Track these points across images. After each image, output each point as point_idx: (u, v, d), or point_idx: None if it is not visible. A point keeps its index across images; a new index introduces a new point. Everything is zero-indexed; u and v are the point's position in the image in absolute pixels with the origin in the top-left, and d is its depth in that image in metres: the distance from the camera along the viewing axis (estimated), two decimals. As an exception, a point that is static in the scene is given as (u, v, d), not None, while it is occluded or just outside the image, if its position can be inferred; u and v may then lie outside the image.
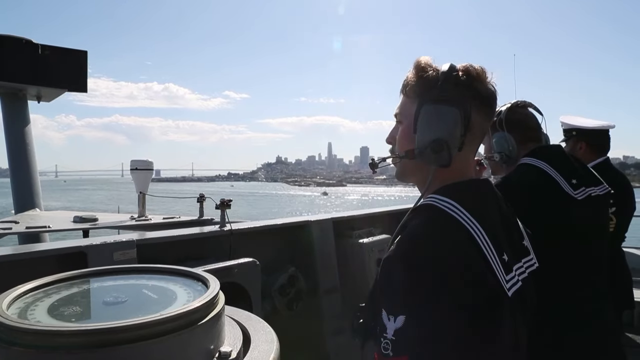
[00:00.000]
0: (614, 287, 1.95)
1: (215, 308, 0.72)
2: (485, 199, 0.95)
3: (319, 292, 2.35)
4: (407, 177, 1.02)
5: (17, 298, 0.71)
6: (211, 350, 0.70)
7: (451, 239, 0.83)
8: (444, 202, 0.88)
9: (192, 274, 0.85)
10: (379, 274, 0.85)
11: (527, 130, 1.62)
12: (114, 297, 0.75)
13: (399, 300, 0.77)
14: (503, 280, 0.84)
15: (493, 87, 0.96)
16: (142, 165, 3.30)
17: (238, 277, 1.75)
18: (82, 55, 4.82)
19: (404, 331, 0.74)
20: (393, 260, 0.82)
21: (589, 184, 1.52)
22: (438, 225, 0.85)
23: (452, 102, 0.89)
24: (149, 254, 1.69)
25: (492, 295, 0.81)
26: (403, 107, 0.98)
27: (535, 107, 1.66)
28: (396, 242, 0.86)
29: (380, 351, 0.77)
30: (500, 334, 0.81)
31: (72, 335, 0.58)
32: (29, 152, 4.76)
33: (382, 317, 0.77)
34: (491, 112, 0.97)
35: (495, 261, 0.84)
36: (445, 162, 0.90)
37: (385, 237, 2.63)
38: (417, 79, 0.95)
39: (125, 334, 0.59)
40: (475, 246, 0.83)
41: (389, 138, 1.03)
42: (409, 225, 0.89)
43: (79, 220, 3.16)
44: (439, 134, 0.89)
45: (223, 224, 2.05)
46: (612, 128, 2.43)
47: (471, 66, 0.93)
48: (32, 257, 1.52)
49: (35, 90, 4.77)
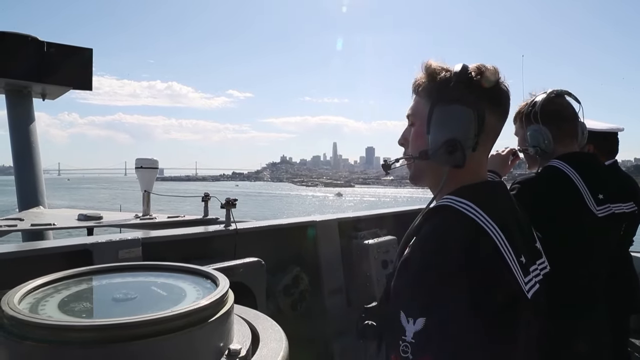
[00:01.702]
0: (620, 291, 1.93)
1: (225, 306, 0.72)
2: (501, 201, 0.94)
3: (324, 293, 2.34)
4: (420, 178, 1.01)
5: (28, 294, 0.71)
6: (221, 347, 0.70)
7: (471, 240, 0.82)
8: (461, 203, 0.87)
9: (201, 271, 0.85)
10: (396, 276, 0.84)
11: (563, 122, 1.54)
12: (124, 294, 0.75)
13: (419, 302, 0.76)
14: (522, 282, 0.84)
15: (506, 87, 0.95)
16: (148, 163, 3.30)
17: (243, 277, 1.75)
18: (88, 53, 4.83)
19: (424, 334, 0.74)
20: (412, 262, 0.82)
21: (616, 200, 1.48)
22: (457, 226, 0.84)
23: (466, 103, 0.88)
24: (154, 253, 1.69)
25: (512, 297, 0.81)
26: (415, 108, 0.98)
27: (572, 95, 1.58)
28: (413, 244, 0.86)
29: (399, 354, 0.76)
30: (519, 335, 0.80)
31: (84, 330, 0.58)
32: (34, 150, 4.77)
33: (400, 319, 0.76)
34: (504, 112, 0.97)
35: (514, 263, 0.83)
36: (459, 162, 0.89)
37: (390, 238, 2.62)
38: (429, 80, 0.94)
39: (137, 330, 0.59)
40: (494, 248, 0.82)
41: (401, 139, 1.02)
42: (425, 226, 0.88)
43: (84, 218, 3.17)
44: (453, 134, 0.88)
45: (228, 223, 2.05)
46: (621, 131, 2.41)
47: (484, 66, 0.92)
48: (38, 254, 1.52)
49: (41, 87, 4.78)
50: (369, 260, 2.42)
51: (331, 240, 2.42)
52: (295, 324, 2.13)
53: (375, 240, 2.52)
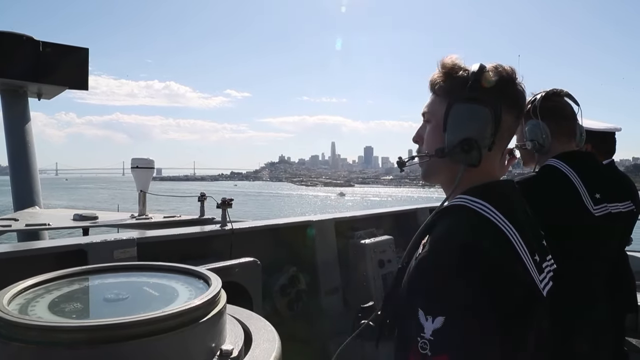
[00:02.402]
0: (617, 290, 1.93)
1: (217, 306, 0.71)
2: (514, 201, 0.95)
3: (320, 293, 2.34)
4: (433, 176, 1.01)
5: (18, 294, 0.71)
6: (213, 348, 0.69)
7: (488, 239, 0.83)
8: (476, 203, 0.87)
9: (194, 271, 0.84)
10: (412, 274, 0.84)
11: (562, 120, 1.55)
12: (115, 294, 0.75)
13: (438, 300, 0.77)
14: (537, 280, 0.85)
15: (522, 88, 0.95)
16: (143, 163, 3.29)
17: (239, 277, 1.74)
18: (84, 52, 4.82)
19: (443, 332, 0.74)
20: (429, 260, 0.82)
21: (613, 199, 1.48)
22: (473, 226, 0.85)
23: (483, 102, 0.89)
24: (149, 253, 1.69)
25: (530, 296, 0.82)
26: (432, 106, 0.97)
27: (572, 97, 1.59)
28: (429, 242, 0.86)
29: (416, 351, 0.76)
30: (536, 333, 0.82)
31: (73, 331, 0.58)
32: (29, 150, 4.75)
33: (418, 316, 0.77)
34: (520, 112, 0.97)
35: (529, 261, 0.84)
36: (475, 161, 0.89)
37: (387, 238, 2.62)
38: (446, 78, 0.94)
39: (127, 331, 0.59)
40: (512, 248, 0.83)
41: (415, 137, 1.02)
42: (439, 225, 0.88)
43: (79, 218, 3.15)
44: (470, 133, 0.89)
45: (224, 223, 2.05)
46: (618, 131, 2.42)
47: (501, 66, 0.93)
48: (32, 254, 1.51)
49: (36, 87, 4.76)
50: (366, 259, 2.42)
51: (328, 240, 2.42)
52: (292, 324, 2.13)
53: (372, 240, 2.52)
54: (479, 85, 0.89)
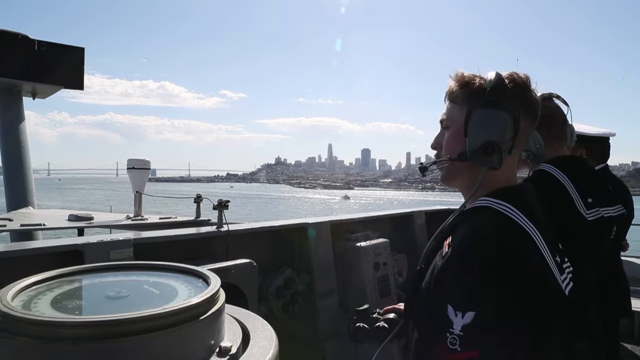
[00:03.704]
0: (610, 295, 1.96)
1: (216, 304, 0.73)
2: (533, 203, 0.98)
3: (316, 295, 2.35)
4: (453, 180, 1.04)
5: (21, 291, 0.71)
6: (211, 345, 0.71)
7: (515, 240, 0.86)
8: (500, 204, 0.91)
9: (193, 271, 0.86)
10: (441, 271, 0.86)
11: (553, 126, 1.58)
12: (116, 292, 0.76)
13: (467, 296, 0.79)
14: (560, 280, 0.89)
15: (536, 94, 1.00)
16: (139, 164, 3.29)
17: (235, 278, 1.75)
18: (79, 52, 4.80)
19: (472, 327, 0.76)
20: (459, 257, 0.84)
21: (604, 204, 1.50)
22: (500, 226, 0.88)
23: (503, 108, 0.93)
24: (145, 253, 1.69)
25: (554, 295, 0.85)
26: (450, 113, 1.01)
27: (560, 98, 1.62)
28: (455, 242, 0.88)
29: (445, 347, 0.78)
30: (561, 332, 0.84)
31: (76, 327, 0.59)
32: (24, 150, 4.72)
33: (447, 312, 0.79)
34: (535, 118, 1.01)
35: (552, 262, 0.88)
36: (496, 164, 0.93)
37: (383, 240, 2.63)
38: (464, 87, 0.98)
39: (129, 327, 0.60)
40: (537, 249, 0.87)
41: (434, 143, 1.06)
42: (465, 225, 0.91)
43: (74, 218, 3.14)
44: (491, 136, 0.92)
45: (220, 224, 2.05)
46: (612, 136, 2.45)
47: (516, 74, 0.97)
48: (28, 254, 1.51)
49: (31, 86, 4.73)
50: (361, 262, 2.44)
51: (323, 242, 2.43)
52: (288, 325, 2.13)
53: (368, 242, 2.54)
54: (497, 91, 0.94)
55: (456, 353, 0.77)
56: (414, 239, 3.02)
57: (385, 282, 2.54)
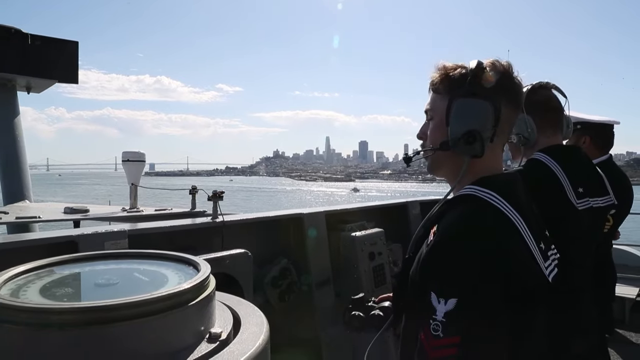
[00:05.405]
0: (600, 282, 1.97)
1: (206, 290, 0.73)
2: (519, 191, 0.99)
3: (311, 285, 2.36)
4: (438, 169, 1.05)
5: (9, 280, 0.71)
6: (202, 331, 0.71)
7: (499, 227, 0.87)
8: (484, 192, 0.92)
9: (183, 258, 0.86)
10: (425, 259, 0.87)
11: (548, 113, 1.57)
12: (106, 280, 0.76)
13: (450, 283, 0.80)
14: (543, 267, 0.90)
15: (519, 81, 1.00)
16: (134, 156, 3.29)
17: (229, 268, 1.75)
18: (73, 45, 4.77)
19: (455, 313, 0.77)
20: (443, 245, 0.85)
21: (594, 194, 1.51)
22: (484, 213, 0.89)
23: (483, 96, 0.93)
24: (140, 245, 1.69)
25: (537, 282, 0.87)
26: (434, 103, 1.02)
27: (559, 89, 1.61)
28: (441, 230, 0.89)
29: (429, 333, 0.79)
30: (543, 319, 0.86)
31: (64, 313, 0.59)
32: (19, 144, 4.71)
33: (430, 299, 0.80)
34: (518, 105, 1.01)
35: (535, 249, 0.89)
36: (478, 152, 0.94)
37: (377, 230, 2.65)
38: (446, 77, 0.99)
39: (117, 312, 0.60)
40: (519, 236, 0.88)
41: (419, 134, 1.07)
42: (450, 213, 0.92)
43: (70, 211, 3.14)
44: (472, 125, 0.93)
45: (215, 215, 2.06)
46: (617, 124, 2.44)
47: (498, 61, 0.97)
48: (23, 245, 1.51)
49: (25, 80, 4.71)
50: (356, 252, 2.45)
51: (319, 232, 2.44)
52: (283, 315, 2.15)
53: (363, 232, 2.55)
54: (477, 80, 0.94)
55: (439, 339, 0.78)
56: (409, 228, 3.03)
57: (381, 271, 2.56)
